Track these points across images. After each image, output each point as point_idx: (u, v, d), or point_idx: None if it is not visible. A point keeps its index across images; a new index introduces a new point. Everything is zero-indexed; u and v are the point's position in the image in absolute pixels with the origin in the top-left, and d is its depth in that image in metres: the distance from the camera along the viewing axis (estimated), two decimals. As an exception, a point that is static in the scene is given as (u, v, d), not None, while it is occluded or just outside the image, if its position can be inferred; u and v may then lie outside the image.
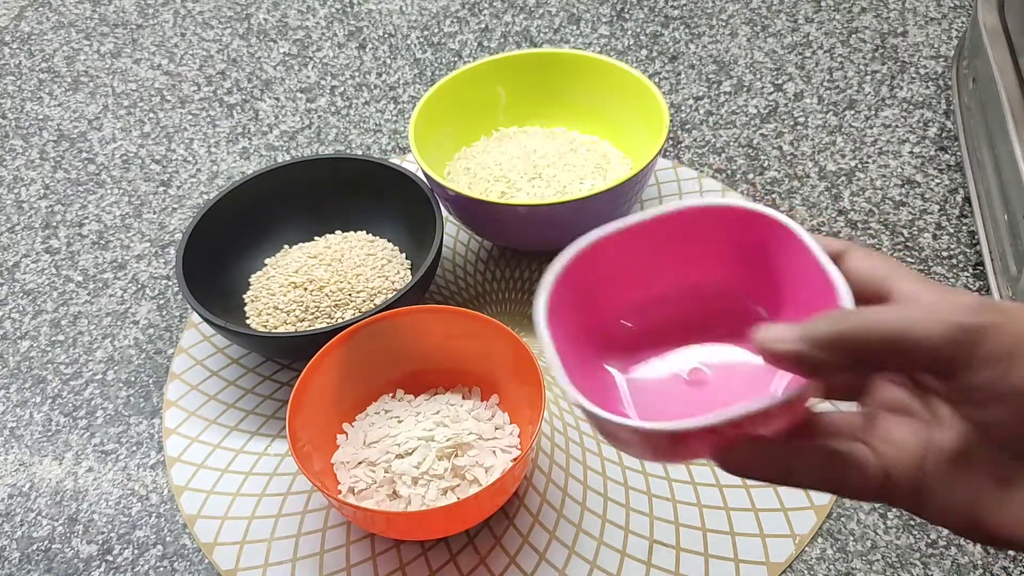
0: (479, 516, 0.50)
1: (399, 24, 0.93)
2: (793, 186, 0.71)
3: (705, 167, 0.73)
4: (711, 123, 0.78)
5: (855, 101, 0.78)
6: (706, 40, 0.87)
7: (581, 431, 0.57)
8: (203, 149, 0.81)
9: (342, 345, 0.54)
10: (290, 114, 0.84)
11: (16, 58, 0.94)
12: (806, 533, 0.51)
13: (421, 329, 0.56)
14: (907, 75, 0.80)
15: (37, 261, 0.72)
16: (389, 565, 0.51)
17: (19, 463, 0.59)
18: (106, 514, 0.55)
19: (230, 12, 0.98)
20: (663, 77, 0.83)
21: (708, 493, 0.53)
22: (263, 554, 0.52)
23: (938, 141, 0.74)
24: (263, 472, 0.56)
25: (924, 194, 0.69)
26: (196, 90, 0.88)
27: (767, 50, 0.85)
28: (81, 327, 0.67)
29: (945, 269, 0.64)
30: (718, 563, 0.50)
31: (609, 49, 0.87)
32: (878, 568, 0.49)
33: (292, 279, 0.61)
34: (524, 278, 0.66)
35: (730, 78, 0.82)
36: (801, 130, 0.76)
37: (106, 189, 0.78)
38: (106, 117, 0.86)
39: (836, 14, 0.88)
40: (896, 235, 0.66)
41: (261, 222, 0.66)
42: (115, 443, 0.59)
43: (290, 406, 0.50)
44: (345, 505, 0.47)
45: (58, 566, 0.53)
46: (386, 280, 0.62)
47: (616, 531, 0.52)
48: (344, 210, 0.67)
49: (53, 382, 0.63)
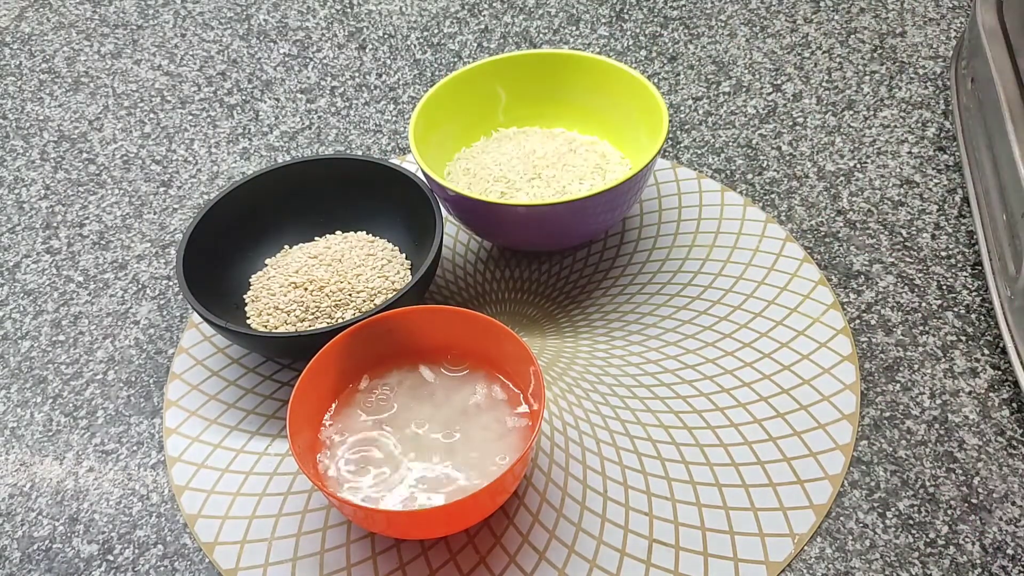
0: (479, 516, 0.51)
1: (399, 25, 0.93)
2: (792, 186, 0.71)
3: (704, 167, 0.73)
4: (710, 123, 0.78)
5: (854, 101, 0.78)
6: (705, 41, 0.87)
7: (581, 431, 0.57)
8: (203, 149, 0.81)
9: (342, 345, 0.54)
10: (290, 115, 0.84)
11: (16, 59, 0.95)
12: (805, 532, 0.51)
13: (421, 329, 0.56)
14: (906, 75, 0.80)
15: (38, 261, 0.73)
16: (389, 564, 0.51)
17: (20, 463, 0.59)
18: (107, 514, 0.56)
19: (230, 13, 0.98)
20: (662, 77, 0.83)
21: (707, 492, 0.53)
22: (264, 553, 0.52)
23: (937, 141, 0.74)
24: (263, 472, 0.56)
25: (923, 194, 0.69)
26: (196, 91, 0.88)
27: (766, 50, 0.85)
28: (82, 327, 0.67)
29: (943, 269, 0.64)
30: (717, 562, 0.50)
31: (608, 50, 0.87)
32: (877, 567, 0.49)
33: (292, 279, 0.62)
34: (524, 278, 0.66)
35: (729, 78, 0.82)
36: (800, 130, 0.76)
37: (107, 189, 0.78)
38: (107, 118, 0.86)
39: (835, 14, 0.88)
40: (895, 235, 0.67)
41: (261, 222, 0.66)
42: (116, 443, 0.59)
43: (290, 406, 0.50)
44: (345, 504, 0.47)
45: (59, 566, 0.53)
46: (386, 280, 0.62)
47: (616, 530, 0.52)
48: (344, 210, 0.67)
49: (54, 382, 0.64)
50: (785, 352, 0.59)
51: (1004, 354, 0.58)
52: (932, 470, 0.53)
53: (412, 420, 0.54)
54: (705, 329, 0.62)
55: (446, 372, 0.56)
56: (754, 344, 0.60)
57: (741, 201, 0.70)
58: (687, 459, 0.55)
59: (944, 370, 0.58)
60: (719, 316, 0.62)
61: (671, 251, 0.67)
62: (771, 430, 0.55)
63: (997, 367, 0.58)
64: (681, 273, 0.65)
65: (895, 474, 0.53)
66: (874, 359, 0.59)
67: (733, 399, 0.57)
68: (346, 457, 0.53)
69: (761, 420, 0.56)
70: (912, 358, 0.59)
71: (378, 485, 0.51)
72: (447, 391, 0.56)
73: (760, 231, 0.67)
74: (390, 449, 0.53)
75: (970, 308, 0.61)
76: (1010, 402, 0.56)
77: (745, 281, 0.64)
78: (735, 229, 0.68)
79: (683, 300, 0.63)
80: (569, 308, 0.64)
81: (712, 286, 0.64)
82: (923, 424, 0.55)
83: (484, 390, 0.55)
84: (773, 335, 0.60)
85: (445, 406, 0.55)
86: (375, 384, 0.56)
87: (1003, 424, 0.55)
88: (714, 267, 0.65)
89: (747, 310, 0.62)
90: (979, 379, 0.57)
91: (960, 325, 0.60)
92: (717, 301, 0.63)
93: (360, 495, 0.51)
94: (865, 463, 0.54)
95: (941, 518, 0.51)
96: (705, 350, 0.60)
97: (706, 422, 0.56)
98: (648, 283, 0.65)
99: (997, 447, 0.54)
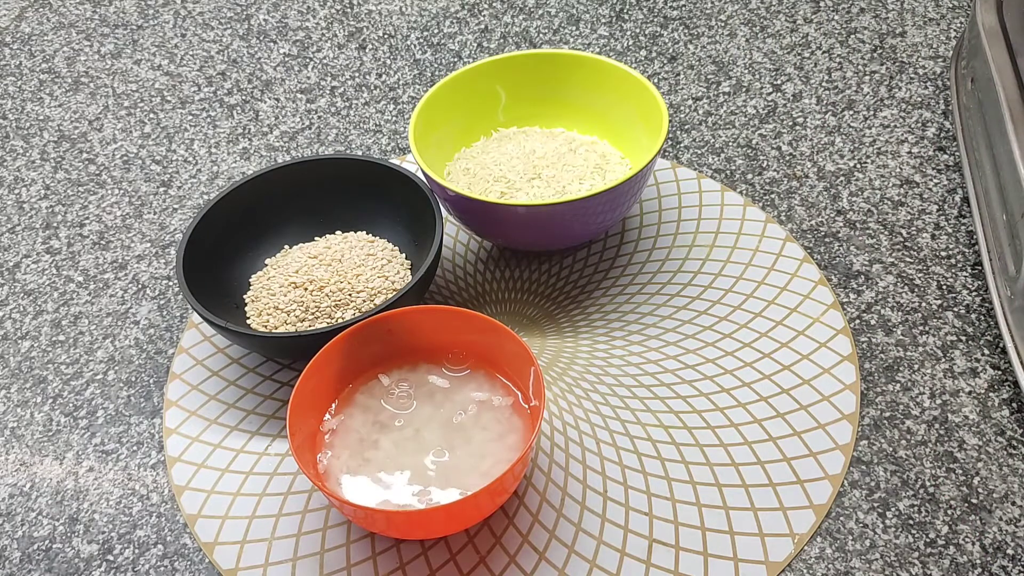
0: (479, 516, 0.51)
1: (399, 25, 0.93)
2: (792, 186, 0.71)
3: (704, 167, 0.73)
4: (710, 123, 0.78)
5: (854, 101, 0.78)
6: (705, 41, 0.87)
7: (580, 431, 0.57)
8: (203, 149, 0.81)
9: (342, 345, 0.54)
10: (290, 115, 0.84)
11: (16, 59, 0.95)
12: (805, 532, 0.51)
13: (421, 329, 0.56)
14: (905, 75, 0.80)
15: (38, 261, 0.73)
16: (389, 564, 0.51)
17: (20, 463, 0.59)
18: (107, 514, 0.56)
19: (230, 13, 0.98)
20: (662, 78, 0.83)
21: (707, 492, 0.53)
22: (263, 553, 0.52)
23: (936, 141, 0.74)
24: (263, 472, 0.56)
25: (923, 194, 0.69)
26: (196, 91, 0.88)
27: (766, 50, 0.85)
28: (82, 327, 0.67)
29: (943, 269, 0.64)
30: (717, 562, 0.50)
31: (608, 50, 0.87)
32: (877, 567, 0.49)
33: (292, 279, 0.62)
34: (524, 278, 0.66)
35: (729, 79, 0.82)
36: (800, 130, 0.76)
37: (107, 190, 0.78)
38: (107, 118, 0.86)
39: (835, 15, 0.88)
40: (895, 235, 0.67)
41: (261, 222, 0.66)
42: (116, 443, 0.59)
43: (290, 406, 0.50)
44: (345, 505, 0.47)
45: (59, 566, 0.53)
46: (386, 280, 0.62)
47: (615, 530, 0.52)
48: (344, 210, 0.67)
49: (54, 382, 0.64)
50: (785, 352, 0.59)
51: (1004, 354, 0.58)
52: (932, 470, 0.53)
53: (412, 420, 0.54)
54: (705, 329, 0.62)
55: (446, 372, 0.56)
56: (754, 344, 0.60)
57: (741, 201, 0.70)
58: (687, 459, 0.55)
59: (944, 370, 0.58)
60: (719, 316, 0.62)
61: (671, 251, 0.67)
62: (771, 430, 0.55)
63: (997, 367, 0.58)
64: (681, 273, 0.65)
65: (895, 474, 0.53)
66: (874, 359, 0.59)
67: (733, 399, 0.57)
68: (346, 457, 0.53)
69: (761, 420, 0.56)
70: (912, 358, 0.59)
71: (378, 485, 0.51)
72: (447, 391, 0.56)
73: (760, 231, 0.67)
74: (390, 449, 0.53)
75: (970, 308, 0.61)
76: (1010, 402, 0.56)
77: (745, 281, 0.64)
78: (735, 229, 0.68)
79: (683, 300, 0.63)
80: (569, 308, 0.64)
81: (712, 286, 0.64)
82: (923, 424, 0.55)
83: (484, 390, 0.55)
84: (773, 335, 0.60)
85: (445, 406, 0.55)
86: (375, 384, 0.56)
87: (1003, 424, 0.55)
88: (714, 267, 0.65)
89: (747, 310, 0.62)
90: (979, 379, 0.57)
91: (960, 325, 0.60)
92: (717, 301, 0.63)
93: (360, 495, 0.51)
94: (865, 463, 0.54)
95: (941, 518, 0.51)
96: (705, 350, 0.60)
97: (706, 422, 0.56)
98: (648, 283, 0.65)
99: (997, 447, 0.54)
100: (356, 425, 0.55)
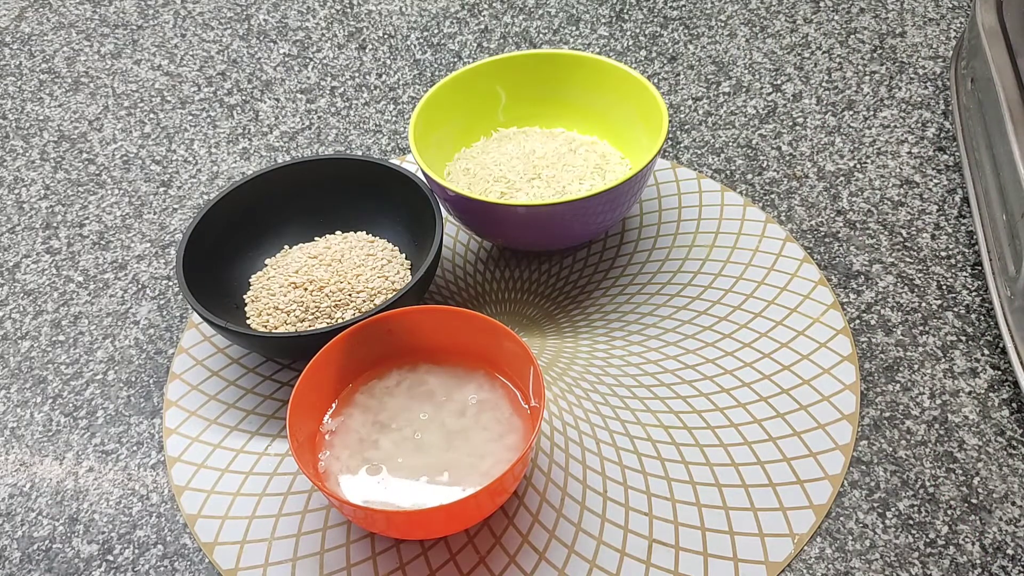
0: (479, 516, 0.51)
1: (399, 25, 0.93)
2: (792, 186, 0.71)
3: (704, 167, 0.73)
4: (710, 124, 0.78)
5: (854, 101, 0.78)
6: (705, 41, 0.87)
7: (580, 431, 0.57)
8: (203, 150, 0.81)
9: (342, 345, 0.54)
10: (290, 115, 0.84)
11: (16, 59, 0.95)
12: (805, 532, 0.51)
13: (421, 329, 0.56)
14: (905, 76, 0.80)
15: (38, 261, 0.73)
16: (389, 564, 0.51)
17: (20, 463, 0.59)
18: (107, 514, 0.56)
19: (230, 13, 0.98)
20: (662, 78, 0.83)
21: (707, 492, 0.53)
22: (263, 553, 0.52)
23: (936, 141, 0.74)
24: (263, 472, 0.56)
25: (922, 194, 0.69)
26: (196, 91, 0.88)
27: (766, 51, 0.85)
28: (82, 327, 0.67)
29: (943, 269, 0.64)
30: (717, 562, 0.50)
31: (608, 50, 0.87)
32: (877, 567, 0.49)
33: (292, 279, 0.62)
34: (524, 278, 0.66)
35: (729, 79, 0.82)
36: (800, 131, 0.76)
37: (107, 190, 0.78)
38: (106, 118, 0.86)
39: (835, 15, 0.88)
40: (894, 235, 0.67)
41: (261, 222, 0.66)
42: (116, 443, 0.59)
43: (290, 406, 0.50)
44: (345, 505, 0.47)
45: (59, 566, 0.53)
46: (386, 280, 0.62)
47: (615, 530, 0.52)
48: (344, 210, 0.67)
49: (54, 382, 0.64)
50: (785, 352, 0.59)
51: (1004, 354, 0.58)
52: (932, 470, 0.53)
53: (412, 420, 0.54)
54: (705, 329, 0.62)
55: (446, 372, 0.56)
56: (754, 344, 0.60)
57: (741, 201, 0.70)
58: (687, 459, 0.55)
59: (944, 370, 0.58)
60: (719, 316, 0.62)
61: (671, 251, 0.67)
62: (771, 430, 0.55)
63: (997, 367, 0.58)
64: (681, 273, 0.65)
65: (895, 474, 0.53)
66: (874, 359, 0.59)
67: (733, 399, 0.57)
68: (346, 457, 0.53)
69: (761, 420, 0.56)
70: (912, 358, 0.59)
71: (378, 485, 0.51)
72: (447, 391, 0.56)
73: (760, 231, 0.67)
74: (390, 449, 0.53)
75: (970, 308, 0.61)
76: (1010, 402, 0.56)
77: (745, 281, 0.64)
78: (735, 229, 0.68)
79: (683, 300, 0.63)
80: (569, 308, 0.64)
81: (712, 286, 0.64)
82: (923, 424, 0.55)
83: (484, 390, 0.55)
84: (773, 335, 0.60)
85: (445, 406, 0.55)
86: (375, 384, 0.56)
87: (1003, 424, 0.55)
88: (714, 267, 0.65)
89: (747, 310, 0.62)
90: (979, 379, 0.57)
91: (960, 325, 0.60)
92: (717, 301, 0.63)
93: (360, 495, 0.51)
94: (865, 463, 0.54)
95: (941, 518, 0.51)
96: (705, 350, 0.60)
97: (706, 422, 0.56)
98: (648, 283, 0.65)
99: (997, 447, 0.54)
100: (356, 425, 0.55)
